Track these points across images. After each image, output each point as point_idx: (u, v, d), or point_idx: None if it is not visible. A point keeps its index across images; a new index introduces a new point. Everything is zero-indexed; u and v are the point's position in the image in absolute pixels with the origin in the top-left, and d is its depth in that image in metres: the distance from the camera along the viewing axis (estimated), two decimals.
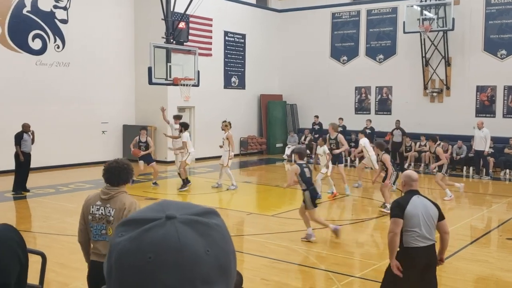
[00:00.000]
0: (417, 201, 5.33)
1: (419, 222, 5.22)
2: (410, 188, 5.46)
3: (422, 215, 5.25)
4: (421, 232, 5.22)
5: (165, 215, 0.94)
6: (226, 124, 15.00)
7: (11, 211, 12.28)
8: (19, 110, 17.06)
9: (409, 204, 5.27)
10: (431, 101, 21.50)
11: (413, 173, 5.66)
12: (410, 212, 5.22)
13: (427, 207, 5.34)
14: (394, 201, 5.67)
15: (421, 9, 20.22)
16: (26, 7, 17.44)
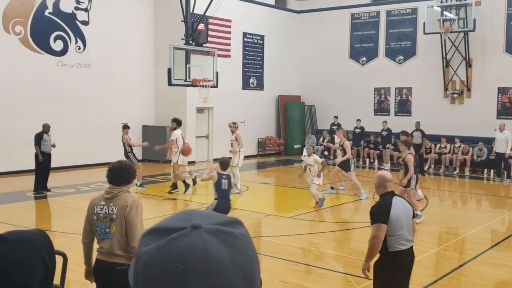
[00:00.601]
0: (397, 203, 5.18)
1: (402, 225, 5.10)
2: (385, 190, 5.28)
3: (403, 217, 5.14)
4: (404, 234, 5.11)
5: (191, 224, 0.96)
6: (237, 126, 14.95)
7: (32, 210, 12.46)
8: (40, 111, 17.28)
9: (392, 207, 5.09)
10: (451, 103, 21.28)
11: (387, 173, 5.52)
12: (394, 215, 5.06)
13: (406, 208, 5.24)
14: (376, 206, 5.34)
15: (441, 10, 20.03)
16: (48, 8, 17.66)
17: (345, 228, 10.70)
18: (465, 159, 18.81)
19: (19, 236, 1.70)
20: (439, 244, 9.72)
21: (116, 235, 4.57)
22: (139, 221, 4.59)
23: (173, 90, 18.27)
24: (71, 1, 18.27)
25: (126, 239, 4.56)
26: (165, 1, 20.10)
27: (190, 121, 20.62)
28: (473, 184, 17.48)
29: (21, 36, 17.03)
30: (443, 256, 8.93)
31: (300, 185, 16.10)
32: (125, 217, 4.53)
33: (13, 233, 1.73)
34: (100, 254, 4.67)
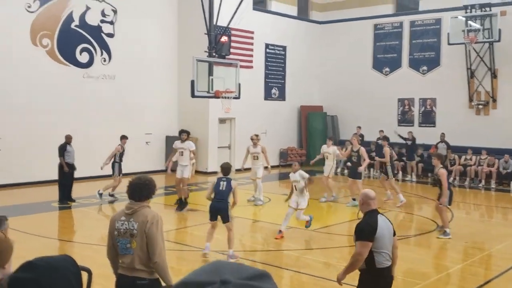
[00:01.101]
0: (381, 221, 5.28)
1: (386, 243, 5.21)
2: (369, 208, 5.35)
3: (387, 235, 5.25)
4: (389, 252, 5.23)
5: (220, 279, 0.95)
6: (259, 138, 15.00)
7: (56, 220, 12.61)
8: (66, 122, 17.54)
9: (378, 225, 5.19)
10: (476, 114, 21.01)
11: (370, 191, 5.53)
12: (380, 233, 5.17)
13: (389, 226, 5.34)
14: (364, 223, 5.35)
15: (466, 20, 19.83)
16: (74, 21, 17.97)
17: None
18: (491, 171, 18.53)
19: (48, 263, 1.74)
20: (464, 259, 9.57)
21: (136, 250, 4.60)
22: (159, 236, 4.61)
23: (196, 101, 18.36)
24: (97, 14, 18.58)
25: (147, 254, 4.59)
26: (189, 14, 20.28)
27: (212, 132, 20.73)
28: (499, 197, 17.19)
29: (48, 49, 17.34)
30: (469, 272, 8.79)
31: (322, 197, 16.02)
32: (145, 232, 4.56)
33: (42, 259, 1.77)
34: (122, 269, 4.72)
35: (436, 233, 11.43)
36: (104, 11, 18.77)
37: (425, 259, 9.45)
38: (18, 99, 16.57)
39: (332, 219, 13.09)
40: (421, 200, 16.21)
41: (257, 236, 11.42)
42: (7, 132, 16.33)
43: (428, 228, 11.92)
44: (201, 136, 20.74)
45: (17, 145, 16.59)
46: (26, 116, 16.75)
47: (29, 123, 16.75)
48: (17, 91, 16.54)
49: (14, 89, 16.48)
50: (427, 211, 14.51)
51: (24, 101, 16.72)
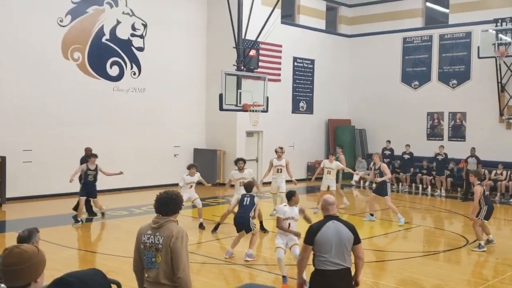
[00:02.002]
0: (330, 226, 5.39)
1: (329, 248, 5.31)
2: (327, 213, 5.52)
3: (334, 241, 5.32)
4: (331, 257, 5.32)
5: None
6: (284, 151, 14.97)
7: (85, 232, 12.78)
8: (96, 134, 17.86)
9: (321, 230, 5.38)
10: (507, 128, 20.67)
11: (330, 197, 5.65)
12: (320, 238, 5.34)
13: (340, 233, 5.37)
14: (309, 227, 5.71)
15: (496, 34, 19.59)
16: (105, 35, 18.34)
17: (385, 259, 10.49)
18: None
19: (79, 278, 1.79)
20: (495, 276, 9.38)
21: (161, 264, 4.62)
22: (184, 251, 4.62)
23: (224, 114, 18.48)
24: (128, 28, 18.92)
25: (171, 269, 4.60)
26: (218, 27, 20.51)
27: (239, 145, 20.81)
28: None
29: (79, 62, 17.71)
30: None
31: (351, 211, 15.93)
32: (170, 247, 4.58)
33: (72, 275, 1.82)
34: (147, 283, 4.76)
35: (470, 247, 11.27)
36: (135, 25, 19.12)
37: (454, 275, 9.30)
38: (49, 112, 16.94)
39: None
40: (451, 215, 15.97)
41: None
42: (38, 145, 16.67)
43: (457, 244, 11.73)
44: (229, 149, 20.84)
45: (47, 157, 16.91)
46: (57, 128, 17.10)
47: (59, 135, 17.10)
48: (48, 104, 16.91)
49: (45, 102, 16.85)
50: (457, 227, 14.29)
51: (55, 114, 17.08)
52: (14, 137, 16.15)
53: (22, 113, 16.37)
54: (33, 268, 2.72)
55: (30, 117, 16.50)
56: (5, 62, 16.09)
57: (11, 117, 16.20)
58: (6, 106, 16.11)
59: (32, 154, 16.50)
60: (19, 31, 16.27)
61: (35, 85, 16.63)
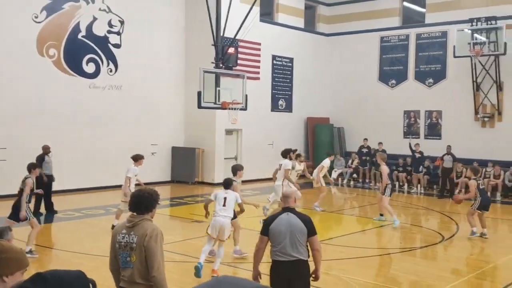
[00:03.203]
0: (284, 218, 5.50)
1: (281, 239, 5.42)
2: (284, 205, 5.65)
3: (286, 232, 5.42)
4: (283, 249, 5.42)
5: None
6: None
7: (62, 231, 12.62)
8: (72, 132, 17.65)
9: (275, 221, 5.52)
10: (482, 126, 21.00)
11: (287, 190, 5.92)
12: (273, 229, 5.47)
13: (293, 225, 5.45)
14: (266, 218, 5.92)
15: (472, 33, 19.89)
16: (81, 32, 18.12)
17: (374, 254, 10.58)
18: (497, 184, 18.47)
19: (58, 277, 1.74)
20: (470, 271, 9.52)
21: (136, 264, 4.57)
22: (158, 250, 4.57)
23: (203, 112, 18.42)
24: (104, 24, 18.72)
25: (146, 268, 4.55)
26: (196, 25, 20.41)
27: (218, 143, 20.77)
28: (504, 209, 17.13)
29: (54, 59, 17.47)
30: (474, 284, 8.74)
31: (328, 208, 16.02)
32: (144, 246, 4.53)
33: (53, 273, 1.77)
34: (123, 282, 4.71)
35: (445, 243, 11.44)
36: (111, 21, 18.92)
37: (430, 271, 9.41)
38: (24, 110, 16.65)
39: (336, 231, 13.07)
40: (427, 212, 16.16)
41: None
42: (12, 143, 16.30)
43: (434, 240, 11.88)
44: (208, 147, 20.79)
45: (22, 157, 16.60)
46: (32, 126, 16.80)
47: (34, 133, 16.74)
48: (23, 102, 16.63)
49: (20, 99, 16.56)
50: (433, 223, 14.47)
51: (30, 111, 16.80)
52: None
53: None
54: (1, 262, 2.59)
55: (3, 114, 16.20)
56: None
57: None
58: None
59: (6, 152, 16.17)
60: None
61: (9, 81, 16.33)
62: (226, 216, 8.79)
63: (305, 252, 5.47)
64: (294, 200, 5.72)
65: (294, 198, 5.71)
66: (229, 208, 8.84)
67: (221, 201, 8.86)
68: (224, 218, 8.76)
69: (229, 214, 8.86)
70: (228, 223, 8.83)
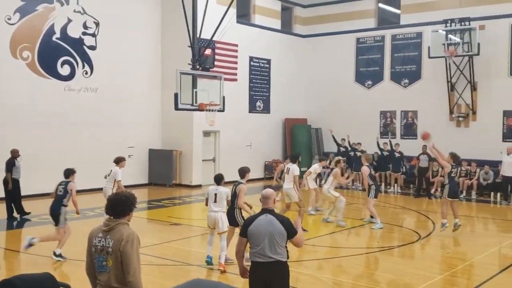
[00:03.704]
0: (263, 220, 5.49)
1: (260, 241, 5.42)
2: (264, 206, 5.63)
3: (265, 234, 5.41)
4: (261, 250, 5.41)
5: None
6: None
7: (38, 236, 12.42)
8: (47, 135, 17.42)
9: (253, 223, 5.49)
10: (457, 126, 21.30)
11: (267, 191, 5.73)
12: (252, 231, 5.47)
13: (271, 226, 5.44)
14: (245, 219, 6.04)
15: (446, 34, 20.16)
16: (55, 34, 17.90)
17: (352, 254, 10.64)
18: (472, 183, 18.73)
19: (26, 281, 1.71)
20: (446, 269, 9.63)
21: (112, 268, 4.52)
22: (135, 254, 4.52)
23: (180, 113, 18.36)
24: (79, 26, 18.53)
25: (122, 273, 4.50)
26: (172, 26, 20.34)
27: (196, 145, 20.70)
28: (480, 207, 17.39)
29: (28, 61, 17.23)
30: (451, 282, 8.85)
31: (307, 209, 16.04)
32: (120, 250, 4.47)
33: (21, 277, 1.74)
34: (99, 286, 4.65)
35: (422, 242, 11.56)
36: (86, 23, 18.74)
37: (408, 269, 9.50)
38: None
39: (314, 231, 13.11)
40: (404, 211, 16.32)
41: None
42: None
43: (411, 239, 12.00)
44: (185, 149, 20.71)
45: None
46: (6, 129, 16.54)
47: (9, 136, 16.49)
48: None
49: None
50: (410, 222, 14.62)
51: (4, 114, 16.55)
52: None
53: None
54: None
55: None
56: None
57: None
58: None
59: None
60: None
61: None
62: (218, 211, 9.32)
63: (284, 253, 5.47)
64: (274, 201, 5.70)
65: (273, 199, 5.68)
66: (220, 202, 9.35)
67: (213, 196, 9.41)
68: (215, 213, 9.30)
69: (221, 209, 9.35)
70: (220, 216, 9.31)
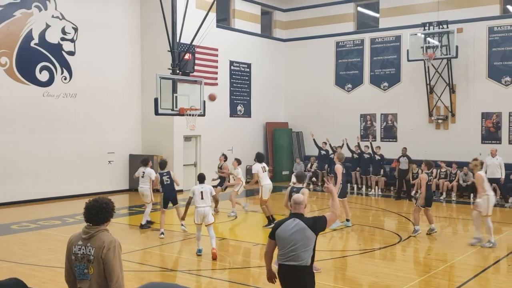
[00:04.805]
0: (290, 224, 5.59)
1: (285, 244, 5.51)
2: (293, 211, 5.76)
3: (289, 238, 5.50)
4: (287, 253, 5.50)
5: None
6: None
7: (17, 243, 12.26)
8: (26, 141, 17.20)
9: (281, 226, 5.62)
10: (436, 128, 21.52)
11: (299, 196, 5.85)
12: (279, 234, 5.59)
13: (298, 230, 5.51)
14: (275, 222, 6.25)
15: (424, 37, 20.38)
16: (34, 39, 17.70)
17: (333, 257, 10.67)
18: (452, 185, 18.93)
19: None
20: (427, 271, 9.70)
21: (94, 276, 4.48)
22: (117, 262, 4.48)
23: (160, 118, 18.30)
24: (57, 32, 18.34)
25: (104, 280, 4.46)
26: (152, 31, 20.26)
27: (177, 150, 20.61)
28: (459, 209, 17.56)
29: (6, 67, 17.01)
30: (432, 284, 8.92)
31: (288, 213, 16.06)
32: (102, 258, 4.43)
33: None
34: None
35: (403, 244, 11.63)
36: (65, 28, 18.56)
37: (389, 272, 9.55)
38: None
39: None
40: (384, 214, 16.42)
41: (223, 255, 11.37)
42: None
43: (392, 241, 12.07)
44: (166, 154, 20.55)
45: None
46: None
47: None
48: None
49: None
50: (391, 224, 14.71)
51: None
52: None
53: None
54: None
55: None
56: None
57: None
58: None
59: None
60: None
61: None
62: (205, 206, 10.40)
63: (309, 258, 5.51)
64: (305, 206, 5.82)
65: (305, 205, 5.81)
66: (206, 199, 10.44)
67: (199, 194, 10.44)
68: (204, 208, 10.38)
69: (208, 204, 10.43)
70: (208, 211, 10.42)
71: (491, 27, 20.32)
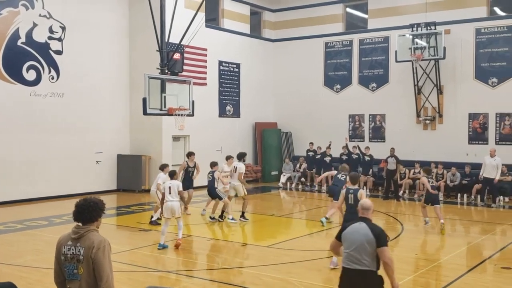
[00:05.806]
0: (356, 227, 5.68)
1: (349, 246, 5.60)
2: (361, 215, 5.86)
3: (354, 241, 5.57)
4: (350, 256, 5.56)
5: None
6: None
7: (3, 244, 12.15)
8: (13, 141, 17.07)
9: (347, 228, 5.72)
10: (424, 129, 21.66)
11: (367, 201, 6.01)
12: (345, 235, 5.69)
13: (362, 234, 5.58)
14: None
15: (412, 38, 20.49)
16: (20, 38, 17.56)
17: (322, 257, 10.69)
18: (440, 185, 19.02)
19: None
20: (415, 270, 9.76)
21: (84, 276, 4.46)
22: (107, 261, 4.47)
23: (149, 118, 18.26)
24: (45, 30, 18.21)
25: (94, 280, 4.45)
26: (140, 30, 20.19)
27: (166, 150, 20.54)
28: (447, 209, 17.64)
29: None
30: (419, 283, 8.96)
31: (278, 212, 16.10)
32: (91, 258, 4.42)
33: None
34: None
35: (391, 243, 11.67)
36: (52, 27, 18.43)
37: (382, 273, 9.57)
38: None
39: (285, 235, 13.14)
40: (373, 213, 16.41)
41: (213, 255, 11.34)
42: None
43: None
44: (154, 154, 20.53)
45: None
46: None
47: None
48: None
49: None
50: (379, 224, 14.70)
51: None
52: None
53: None
54: None
55: None
56: None
57: None
58: None
59: None
60: None
61: None
62: (174, 200, 11.19)
63: (372, 263, 5.50)
64: (372, 211, 5.91)
65: (372, 210, 5.91)
66: (174, 194, 11.20)
67: (167, 189, 11.27)
68: (171, 202, 11.16)
69: (176, 199, 11.22)
70: (177, 205, 11.21)
71: (478, 28, 20.49)
